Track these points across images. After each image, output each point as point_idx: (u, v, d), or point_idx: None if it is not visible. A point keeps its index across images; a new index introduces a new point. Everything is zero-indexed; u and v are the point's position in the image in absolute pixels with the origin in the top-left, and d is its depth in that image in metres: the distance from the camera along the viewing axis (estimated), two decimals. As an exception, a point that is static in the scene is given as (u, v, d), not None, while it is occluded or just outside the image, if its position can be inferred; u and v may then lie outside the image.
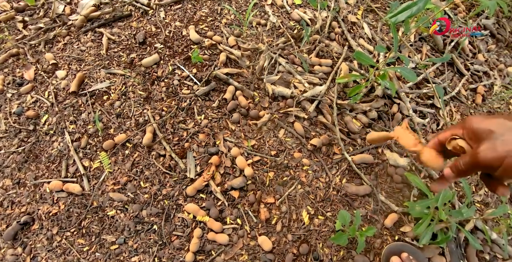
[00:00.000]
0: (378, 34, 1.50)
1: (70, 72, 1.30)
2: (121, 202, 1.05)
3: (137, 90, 1.22)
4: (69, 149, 1.14)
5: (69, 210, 1.07)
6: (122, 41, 1.35)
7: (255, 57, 1.31)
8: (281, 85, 1.25)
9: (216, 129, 1.15)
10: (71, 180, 1.10)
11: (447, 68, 1.43)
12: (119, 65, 1.29)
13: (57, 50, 1.37)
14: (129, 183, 1.08)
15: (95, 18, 1.45)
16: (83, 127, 1.18)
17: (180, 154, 1.11)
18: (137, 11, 1.45)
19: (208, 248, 0.99)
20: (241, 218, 1.03)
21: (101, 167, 1.11)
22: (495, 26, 1.58)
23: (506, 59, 1.52)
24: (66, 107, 1.22)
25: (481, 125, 0.42)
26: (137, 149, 1.12)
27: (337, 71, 1.33)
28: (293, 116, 1.19)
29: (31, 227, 1.07)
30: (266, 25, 1.43)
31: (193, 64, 1.27)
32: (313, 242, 1.01)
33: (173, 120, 1.16)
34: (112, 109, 1.20)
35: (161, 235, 1.01)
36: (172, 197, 1.05)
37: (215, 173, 1.07)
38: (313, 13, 1.48)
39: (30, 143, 1.18)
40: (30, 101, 1.26)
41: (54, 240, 1.04)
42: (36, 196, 1.10)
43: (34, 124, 1.21)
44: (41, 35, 1.43)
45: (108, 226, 1.04)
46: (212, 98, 1.21)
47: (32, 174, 1.14)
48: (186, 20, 1.40)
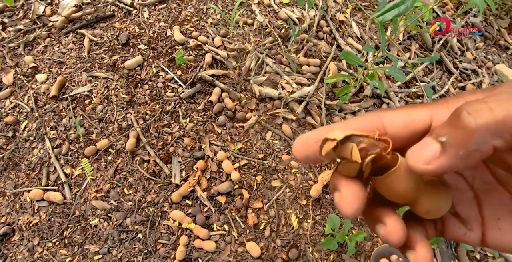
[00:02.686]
0: (367, 33, 1.48)
1: (51, 75, 1.25)
2: (104, 210, 1.02)
3: (120, 94, 1.19)
4: (49, 156, 1.10)
5: (50, 219, 1.03)
6: (104, 42, 1.31)
7: (241, 58, 1.29)
8: (269, 86, 1.23)
9: (202, 133, 1.12)
10: (52, 188, 1.06)
11: (436, 66, 1.42)
12: (101, 68, 1.25)
13: (37, 53, 1.32)
14: (112, 190, 1.04)
15: (76, 19, 1.40)
16: (64, 133, 1.14)
17: (165, 159, 1.08)
18: (120, 12, 1.41)
19: (195, 256, 0.96)
20: (228, 224, 1.00)
21: (83, 174, 1.07)
22: (483, 24, 1.57)
23: (494, 57, 1.52)
24: (47, 112, 1.18)
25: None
26: (120, 155, 1.09)
27: (325, 71, 1.31)
28: (281, 118, 1.16)
29: (12, 238, 1.03)
30: (253, 24, 1.40)
31: (177, 65, 1.24)
32: (302, 247, 0.99)
33: (157, 124, 1.13)
34: (94, 114, 1.16)
35: (146, 244, 0.98)
36: (157, 203, 1.02)
37: (201, 178, 1.05)
38: (301, 12, 1.46)
39: (9, 150, 1.14)
40: (9, 107, 1.22)
41: (35, 251, 1.00)
42: (16, 206, 1.06)
43: (13, 131, 1.17)
44: (21, 37, 1.38)
45: (91, 235, 1.01)
46: (197, 100, 1.18)
47: (12, 183, 1.09)
48: (170, 20, 1.36)
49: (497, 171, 0.21)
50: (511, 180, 0.20)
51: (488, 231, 0.21)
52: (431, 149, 0.18)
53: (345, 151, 0.19)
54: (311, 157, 0.21)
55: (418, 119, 0.20)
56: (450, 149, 0.17)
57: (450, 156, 0.17)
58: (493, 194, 0.21)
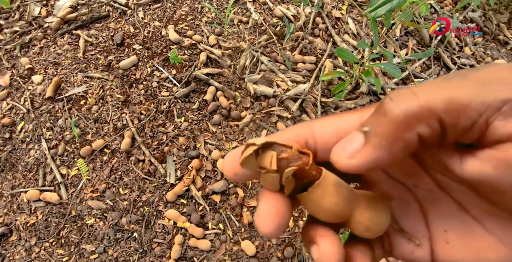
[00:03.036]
0: (363, 29, 1.47)
1: (47, 76, 1.26)
2: (100, 210, 1.03)
3: (115, 94, 1.19)
4: (46, 157, 1.11)
5: (47, 219, 1.04)
6: (99, 43, 1.31)
7: (236, 56, 1.28)
8: (263, 84, 1.22)
9: (197, 132, 1.12)
10: (48, 189, 1.06)
11: (434, 62, 1.41)
12: (96, 68, 1.25)
13: (33, 54, 1.33)
14: (108, 190, 1.05)
15: (71, 20, 1.41)
16: (60, 134, 1.14)
17: (160, 159, 1.08)
18: (115, 12, 1.41)
19: (190, 255, 0.96)
20: (223, 222, 1.00)
21: (79, 174, 1.08)
22: (481, 19, 1.55)
23: (493, 52, 1.50)
24: (43, 113, 1.18)
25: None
26: (116, 155, 1.09)
27: (321, 68, 1.30)
28: (276, 116, 1.16)
29: (9, 239, 1.04)
30: (248, 22, 1.39)
31: (172, 65, 1.24)
32: (298, 245, 0.99)
33: (152, 124, 1.13)
34: (90, 114, 1.16)
35: (142, 243, 0.99)
36: (152, 203, 1.03)
37: (196, 177, 1.05)
38: (296, 9, 1.45)
39: (6, 152, 1.14)
40: (6, 108, 1.22)
41: (32, 251, 1.01)
42: (14, 206, 1.07)
43: (10, 132, 1.18)
44: (17, 39, 1.39)
45: (87, 235, 1.01)
46: (192, 100, 1.18)
47: (9, 184, 1.10)
48: (165, 20, 1.36)
49: (438, 177, 0.19)
50: (454, 186, 0.19)
51: (437, 246, 0.19)
52: (355, 141, 0.16)
53: (265, 159, 0.17)
54: (240, 173, 0.19)
55: (347, 125, 0.18)
56: (372, 138, 0.16)
57: (373, 145, 0.15)
58: (438, 204, 0.20)
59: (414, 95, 0.15)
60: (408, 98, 0.15)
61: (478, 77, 0.15)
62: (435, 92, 0.15)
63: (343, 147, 0.17)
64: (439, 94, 0.14)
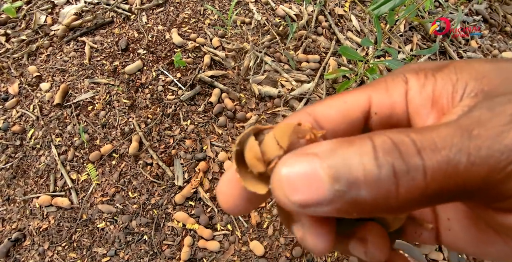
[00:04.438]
0: (366, 25, 1.46)
1: (54, 84, 1.28)
2: (110, 214, 1.04)
3: (121, 99, 1.20)
4: (56, 163, 1.13)
5: (59, 224, 1.06)
6: (104, 49, 1.33)
7: (240, 58, 1.29)
8: (268, 85, 1.22)
9: (203, 134, 1.13)
10: (59, 194, 1.08)
11: (439, 57, 1.39)
12: (102, 74, 1.27)
13: (41, 62, 1.35)
14: (117, 194, 1.06)
15: (77, 27, 1.43)
16: (69, 139, 1.16)
17: (167, 162, 1.09)
18: (119, 17, 1.43)
19: (200, 256, 0.97)
20: (231, 223, 1.01)
21: (88, 179, 1.09)
22: (487, 11, 1.53)
23: (500, 44, 1.47)
24: (52, 120, 1.20)
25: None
26: (124, 159, 1.10)
27: (325, 67, 1.30)
28: (281, 116, 1.16)
29: (23, 243, 1.06)
30: (250, 23, 1.40)
31: (177, 68, 1.25)
32: (307, 245, 0.99)
33: (159, 128, 1.14)
34: (97, 120, 1.18)
35: (152, 245, 1.00)
36: (161, 206, 1.04)
37: (203, 179, 1.05)
38: (298, 8, 1.44)
39: (17, 158, 1.17)
40: (16, 116, 1.25)
41: (46, 256, 1.03)
42: (26, 212, 1.09)
43: (20, 139, 1.20)
44: (24, 47, 1.41)
45: (98, 238, 1.03)
46: (197, 102, 1.18)
47: (21, 190, 1.13)
48: (168, 23, 1.37)
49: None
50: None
51: (441, 231, 0.20)
52: (318, 185, 0.13)
53: (268, 142, 0.15)
54: (242, 198, 0.16)
55: (353, 106, 0.16)
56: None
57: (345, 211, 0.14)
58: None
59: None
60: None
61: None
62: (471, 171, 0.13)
63: (297, 184, 0.13)
64: (474, 173, 0.13)
